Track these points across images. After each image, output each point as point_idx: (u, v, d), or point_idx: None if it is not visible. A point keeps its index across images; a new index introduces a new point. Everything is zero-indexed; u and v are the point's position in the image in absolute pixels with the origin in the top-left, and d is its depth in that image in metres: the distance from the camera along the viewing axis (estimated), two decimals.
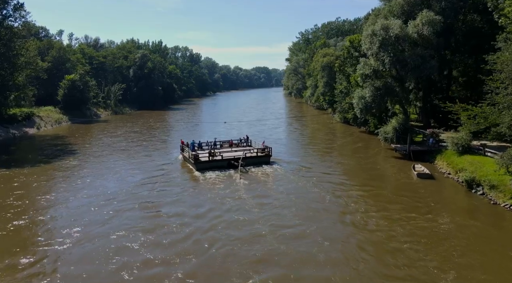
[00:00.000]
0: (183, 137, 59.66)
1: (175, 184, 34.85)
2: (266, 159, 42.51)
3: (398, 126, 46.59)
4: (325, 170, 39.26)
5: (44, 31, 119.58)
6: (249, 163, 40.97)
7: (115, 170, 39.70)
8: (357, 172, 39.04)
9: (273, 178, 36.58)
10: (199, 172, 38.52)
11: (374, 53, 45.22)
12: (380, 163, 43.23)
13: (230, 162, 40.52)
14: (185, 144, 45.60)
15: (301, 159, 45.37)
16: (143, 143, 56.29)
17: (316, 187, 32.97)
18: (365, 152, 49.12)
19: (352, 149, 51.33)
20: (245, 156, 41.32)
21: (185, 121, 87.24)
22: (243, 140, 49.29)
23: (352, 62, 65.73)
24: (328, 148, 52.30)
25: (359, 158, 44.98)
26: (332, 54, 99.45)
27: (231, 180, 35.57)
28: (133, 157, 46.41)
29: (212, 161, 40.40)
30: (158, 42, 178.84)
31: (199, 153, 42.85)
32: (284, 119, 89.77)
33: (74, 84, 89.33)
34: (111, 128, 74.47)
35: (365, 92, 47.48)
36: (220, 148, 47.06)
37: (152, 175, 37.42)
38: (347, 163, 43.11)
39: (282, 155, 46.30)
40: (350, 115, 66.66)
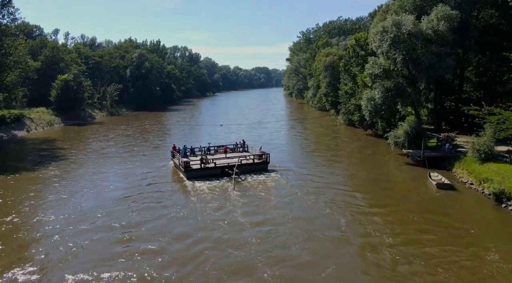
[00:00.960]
0: (177, 141, 55.95)
1: (160, 199, 30.25)
2: (264, 166, 39.21)
3: (410, 130, 43.23)
4: (334, 182, 35.22)
5: (38, 30, 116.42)
6: (245, 171, 37.71)
7: (96, 182, 35.61)
8: (370, 184, 34.84)
9: (272, 190, 32.62)
10: (190, 181, 35.22)
11: (385, 51, 41.86)
12: (393, 172, 39.70)
13: (224, 169, 37.17)
14: (177, 149, 42.19)
15: (305, 167, 41.21)
16: (134, 149, 52.63)
17: (327, 205, 28.21)
18: (375, 159, 45.50)
19: (361, 156, 47.25)
20: (240, 163, 37.99)
21: (181, 124, 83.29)
22: (239, 145, 45.82)
23: (358, 61, 62.49)
24: (335, 155, 48.10)
25: (370, 167, 40.91)
26: (335, 53, 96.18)
27: (225, 193, 31.80)
28: (120, 165, 42.73)
29: (204, 169, 37.08)
30: (156, 42, 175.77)
31: (191, 159, 39.68)
32: (286, 122, 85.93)
33: (67, 84, 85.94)
34: (104, 131, 70.97)
35: (374, 93, 44.12)
36: (214, 153, 43.79)
37: (137, 187, 33.53)
38: (357, 172, 38.71)
39: (283, 162, 42.58)
40: (356, 117, 63.35)
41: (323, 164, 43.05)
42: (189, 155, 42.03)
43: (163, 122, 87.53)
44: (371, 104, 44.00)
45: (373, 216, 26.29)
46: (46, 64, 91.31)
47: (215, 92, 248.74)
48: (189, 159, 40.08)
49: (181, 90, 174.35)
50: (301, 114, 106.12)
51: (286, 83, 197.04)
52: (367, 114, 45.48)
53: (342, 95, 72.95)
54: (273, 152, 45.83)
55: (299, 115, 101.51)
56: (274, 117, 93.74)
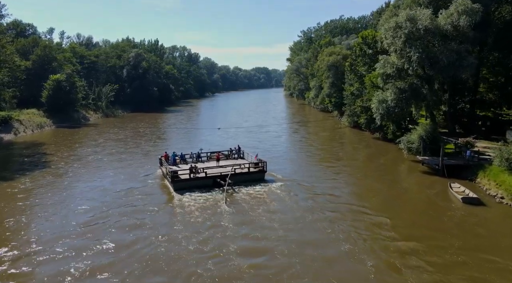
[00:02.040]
0: (169, 147, 52.02)
1: (138, 222, 25.73)
2: (260, 175, 35.63)
3: (425, 135, 39.59)
4: (344, 196, 31.11)
5: (31, 28, 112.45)
6: (240, 181, 34.19)
7: (67, 201, 30.50)
8: (389, 201, 30.04)
9: (270, 205, 28.86)
10: (178, 194, 31.55)
11: (398, 49, 38.27)
12: (412, 184, 35.62)
13: (215, 180, 33.61)
14: (164, 157, 38.59)
15: (312, 180, 36.24)
16: (121, 155, 48.51)
17: (346, 236, 23.15)
18: (390, 169, 41.23)
19: (374, 166, 41.87)
20: (234, 172, 34.46)
21: (177, 127, 78.82)
22: (235, 151, 42.05)
23: (365, 60, 58.93)
24: (345, 165, 42.68)
25: (386, 179, 36.23)
26: (339, 52, 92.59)
27: (215, 209, 28.08)
28: (101, 176, 38.22)
29: (193, 179, 33.45)
30: (154, 41, 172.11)
31: (180, 168, 36.26)
32: (288, 125, 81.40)
33: (59, 85, 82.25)
34: (94, 135, 67.07)
35: (386, 95, 40.48)
36: (207, 160, 40.12)
37: (115, 203, 29.40)
38: (372, 186, 34.35)
39: (285, 172, 38.63)
40: (363, 120, 59.68)
41: (332, 176, 38.03)
42: (179, 162, 38.46)
43: (158, 125, 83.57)
44: (383, 107, 40.32)
45: (406, 255, 20.77)
46: (38, 64, 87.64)
47: (215, 92, 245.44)
48: (178, 168, 36.67)
49: (179, 90, 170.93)
50: (303, 116, 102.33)
51: (287, 84, 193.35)
52: (378, 117, 41.76)
53: (347, 96, 69.29)
54: (274, 161, 42.41)
55: (301, 118, 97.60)
56: (275, 119, 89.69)
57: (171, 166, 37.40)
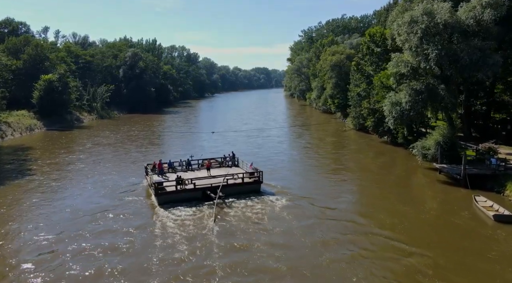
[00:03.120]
0: (162, 153, 48.43)
1: (109, 246, 22.13)
2: (256, 186, 32.16)
3: (443, 140, 36.06)
4: (354, 213, 27.34)
5: (24, 26, 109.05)
6: (233, 193, 30.74)
7: (28, 223, 26.09)
8: (404, 216, 26.41)
9: (266, 225, 25.13)
10: (162, 209, 28.07)
11: (414, 46, 34.74)
12: (429, 197, 31.78)
13: (205, 192, 30.13)
14: (157, 165, 34.87)
15: (313, 189, 32.93)
16: (107, 164, 44.14)
17: (355, 265, 19.55)
18: (403, 177, 37.37)
19: (386, 176, 37.67)
20: (226, 183, 31.00)
21: (172, 131, 74.04)
22: (228, 158, 38.37)
23: (373, 59, 55.43)
24: (360, 178, 37.40)
25: (399, 191, 32.71)
26: (342, 52, 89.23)
27: (202, 230, 24.45)
28: (79, 189, 33.99)
29: (180, 192, 29.94)
30: (152, 41, 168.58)
31: (165, 178, 32.87)
32: (290, 129, 76.51)
33: (51, 85, 78.80)
34: (84, 139, 63.18)
35: (400, 96, 36.92)
36: (198, 168, 36.58)
37: (84, 229, 24.77)
38: (384, 198, 30.74)
39: (284, 183, 34.67)
40: (370, 123, 56.16)
41: (340, 188, 33.65)
42: (167, 171, 34.92)
43: (153, 128, 79.25)
44: (397, 110, 36.72)
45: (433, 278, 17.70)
46: (29, 64, 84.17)
47: (214, 93, 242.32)
48: (165, 178, 33.23)
49: (178, 91, 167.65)
50: (306, 118, 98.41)
51: (287, 84, 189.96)
52: (391, 121, 38.13)
53: (352, 97, 65.87)
54: (276, 171, 38.69)
55: (304, 120, 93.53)
56: (276, 122, 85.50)
57: (159, 175, 33.99)
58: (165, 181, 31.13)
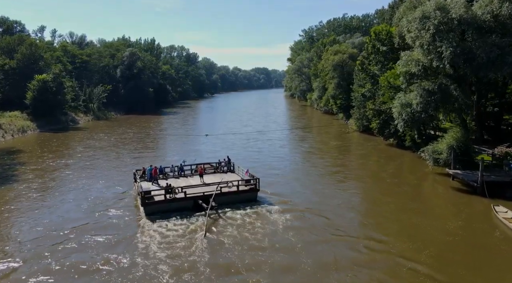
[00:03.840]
0: (157, 157, 45.86)
1: (79, 269, 19.65)
2: (252, 195, 29.76)
3: (456, 144, 33.76)
4: (364, 227, 25.17)
5: (19, 25, 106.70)
6: (227, 202, 28.54)
7: (3, 232, 24.16)
8: (421, 229, 24.12)
9: (262, 241, 22.67)
10: (149, 221, 25.74)
11: (426, 43, 32.42)
12: (444, 206, 29.44)
13: (197, 201, 27.79)
14: (153, 172, 32.35)
15: (314, 198, 30.45)
16: (95, 170, 40.95)
17: None
18: (414, 184, 34.61)
19: (397, 185, 34.44)
20: (219, 191, 28.72)
21: (168, 133, 70.66)
22: (224, 163, 35.83)
23: (379, 58, 53.17)
24: (372, 188, 34.36)
25: (412, 199, 30.46)
26: (345, 51, 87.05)
27: (190, 246, 22.08)
28: (59, 201, 30.67)
29: (170, 201, 27.54)
30: (150, 40, 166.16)
31: (157, 184, 30.69)
32: (291, 131, 73.39)
33: (45, 85, 76.43)
34: (76, 142, 60.33)
35: (410, 97, 34.59)
36: (191, 174, 34.17)
37: (58, 241, 22.60)
38: (394, 206, 28.53)
39: (285, 191, 32.19)
40: (375, 125, 53.78)
41: (351, 199, 30.48)
42: (157, 178, 32.40)
43: (149, 130, 76.23)
44: (407, 111, 34.38)
45: None
46: (23, 63, 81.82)
47: (214, 93, 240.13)
48: (155, 184, 30.87)
49: (177, 91, 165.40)
50: (307, 119, 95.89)
51: (288, 84, 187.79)
52: (401, 124, 35.71)
53: (356, 98, 63.61)
54: (278, 180, 35.76)
55: (305, 122, 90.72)
56: (277, 124, 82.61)
57: (151, 181, 31.62)
58: (154, 190, 28.61)
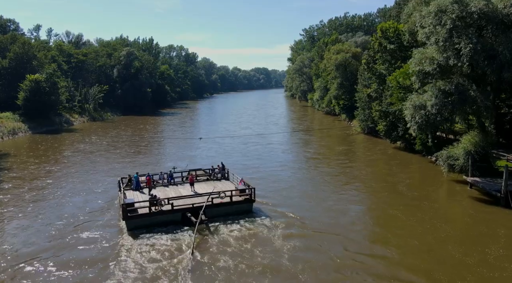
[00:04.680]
0: (148, 164, 42.69)
1: None
2: (247, 206, 27.05)
3: (474, 149, 31.12)
4: (377, 248, 22.12)
5: (13, 24, 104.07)
6: (219, 214, 25.91)
7: None
8: (440, 250, 21.28)
9: (260, 259, 20.20)
10: (131, 237, 23.03)
11: (442, 39, 29.76)
12: (465, 221, 26.72)
13: (185, 214, 24.97)
14: (147, 181, 29.51)
15: (319, 212, 27.27)
16: (79, 178, 37.38)
17: None
18: (429, 195, 31.52)
19: (411, 197, 30.34)
20: (211, 202, 26.00)
21: (163, 136, 66.96)
22: (217, 170, 32.85)
23: (386, 57, 50.48)
24: (377, 199, 30.57)
25: (427, 211, 27.95)
26: (348, 50, 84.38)
27: (176, 264, 19.69)
28: (36, 210, 28.02)
29: (155, 214, 24.77)
30: (149, 40, 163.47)
31: (144, 194, 28.01)
32: (293, 135, 67.50)
33: (38, 85, 73.70)
34: (66, 145, 57.11)
35: (424, 99, 31.91)
36: (182, 182, 31.33)
37: (20, 267, 19.71)
38: (408, 223, 25.58)
39: (283, 202, 29.35)
40: (381, 127, 51.12)
41: (360, 213, 27.76)
42: (145, 187, 29.63)
43: (144, 132, 72.58)
44: (421, 114, 31.65)
45: None
46: (15, 62, 79.18)
47: (213, 93, 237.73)
48: (142, 194, 28.18)
49: (176, 92, 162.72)
50: (309, 121, 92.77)
51: (288, 84, 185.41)
52: (414, 127, 32.90)
53: (360, 98, 60.98)
54: (277, 189, 32.59)
55: (307, 124, 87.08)
56: (278, 126, 79.30)
57: (134, 190, 28.99)
58: (138, 202, 25.64)
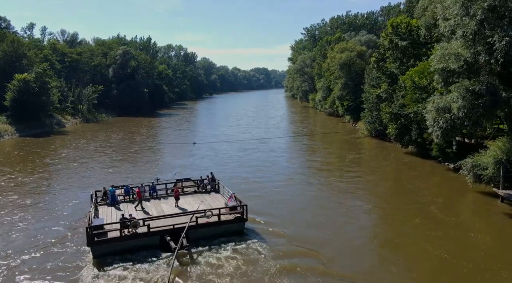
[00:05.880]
0: (132, 174, 38.45)
1: None
2: (237, 226, 22.96)
3: (507, 157, 27.35)
4: None
5: (4, 22, 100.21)
6: (205, 237, 21.92)
7: None
8: None
9: None
10: (96, 266, 19.21)
11: (471, 33, 25.94)
12: (492, 240, 23.15)
13: (164, 237, 20.88)
14: (137, 194, 25.51)
15: (328, 238, 22.65)
16: (50, 192, 32.81)
17: None
18: (461, 216, 27.20)
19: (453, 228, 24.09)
20: (195, 223, 21.86)
21: (156, 141, 61.92)
22: (207, 181, 28.60)
23: (397, 55, 46.72)
24: (397, 219, 25.79)
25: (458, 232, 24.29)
26: (352, 49, 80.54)
27: None
28: None
29: (129, 238, 20.51)
30: (146, 39, 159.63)
31: (121, 211, 23.85)
32: (297, 140, 61.79)
33: (27, 85, 69.85)
34: (49, 150, 52.42)
35: (449, 100, 28.08)
36: (166, 195, 27.31)
37: None
38: (433, 251, 21.82)
39: (282, 222, 24.95)
40: (392, 130, 47.31)
41: (375, 236, 23.30)
42: (122, 201, 25.79)
43: (136, 135, 67.72)
44: (445, 118, 27.84)
45: None
46: (4, 61, 75.41)
47: (212, 94, 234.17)
48: (119, 210, 24.23)
49: (174, 92, 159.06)
50: (312, 124, 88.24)
51: (289, 85, 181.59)
52: (438, 133, 28.92)
53: (368, 99, 57.21)
54: (279, 208, 27.84)
55: (311, 127, 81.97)
56: (279, 129, 74.68)
57: (110, 206, 25.04)
58: (107, 224, 21.17)
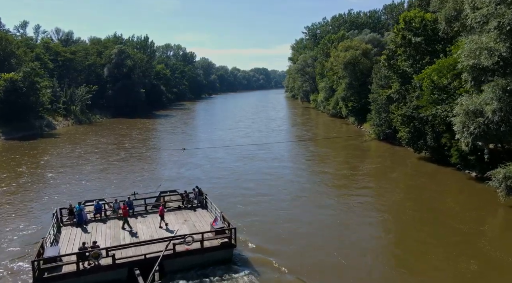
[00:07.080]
0: (112, 186, 33.91)
1: None
2: (225, 253, 19.08)
3: None
4: None
5: None
6: (184, 267, 18.05)
7: None
8: None
9: None
10: None
11: (508, 23, 22.18)
12: None
13: (133, 270, 17.06)
14: (123, 212, 21.42)
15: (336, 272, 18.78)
16: (14, 210, 28.14)
17: None
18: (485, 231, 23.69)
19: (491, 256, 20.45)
20: (172, 251, 17.95)
21: (147, 147, 56.06)
22: (193, 195, 24.76)
23: (411, 52, 42.95)
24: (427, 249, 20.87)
25: None
26: (358, 47, 76.67)
27: None
28: None
29: (86, 273, 16.63)
30: (144, 38, 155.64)
31: (88, 233, 20.26)
32: (300, 146, 56.39)
33: (14, 85, 66.10)
34: (28, 156, 47.65)
35: (481, 102, 24.30)
36: (146, 212, 23.33)
37: None
38: None
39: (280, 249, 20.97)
40: (404, 134, 43.59)
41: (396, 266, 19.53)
42: (92, 219, 21.96)
43: (127, 139, 63.24)
44: (478, 122, 24.09)
45: None
46: None
47: (212, 94, 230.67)
48: (85, 231, 20.65)
49: (172, 92, 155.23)
50: (315, 126, 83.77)
51: (289, 85, 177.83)
52: (468, 140, 25.15)
53: (376, 100, 53.51)
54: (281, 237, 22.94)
55: (315, 130, 77.17)
56: (281, 132, 70.44)
57: (77, 226, 21.11)
58: (60, 255, 17.06)
